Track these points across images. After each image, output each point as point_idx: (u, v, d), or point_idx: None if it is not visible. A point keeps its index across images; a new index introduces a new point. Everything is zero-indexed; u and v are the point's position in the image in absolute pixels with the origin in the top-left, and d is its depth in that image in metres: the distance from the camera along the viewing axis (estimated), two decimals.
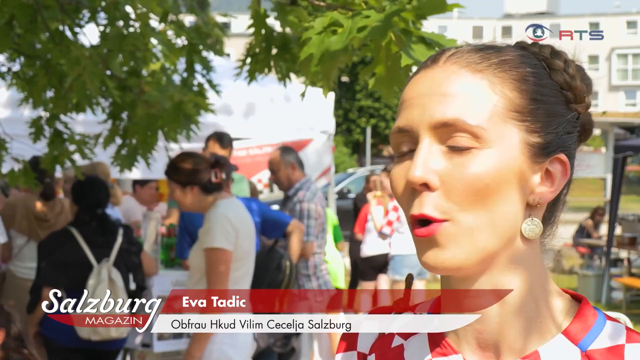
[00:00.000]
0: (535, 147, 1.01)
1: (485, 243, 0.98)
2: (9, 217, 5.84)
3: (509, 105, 1.00)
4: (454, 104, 0.99)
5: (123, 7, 3.94)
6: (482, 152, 0.98)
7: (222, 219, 3.99)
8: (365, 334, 1.14)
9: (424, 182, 0.97)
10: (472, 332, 1.03)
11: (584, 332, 1.02)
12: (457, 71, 1.01)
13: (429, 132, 0.99)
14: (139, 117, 3.99)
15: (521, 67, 1.03)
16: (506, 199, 0.98)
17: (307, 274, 5.51)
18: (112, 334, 4.44)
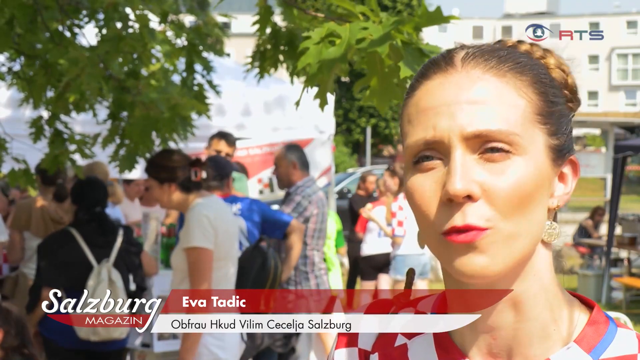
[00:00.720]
0: (555, 150, 0.99)
1: (520, 250, 0.96)
2: (24, 219, 5.80)
3: (534, 109, 0.98)
4: (485, 112, 0.95)
5: (122, 8, 3.94)
6: (517, 158, 0.95)
7: (200, 218, 3.98)
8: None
9: (467, 194, 0.93)
10: (484, 337, 1.00)
11: (596, 340, 1.00)
12: (482, 76, 0.98)
13: (462, 142, 0.95)
14: (136, 118, 3.99)
15: (535, 69, 1.01)
16: (539, 205, 0.97)
17: (304, 271, 5.51)
18: (112, 334, 4.43)
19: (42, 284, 4.54)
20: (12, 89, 4.66)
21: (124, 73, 4.14)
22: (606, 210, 13.18)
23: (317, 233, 5.60)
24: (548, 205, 1.00)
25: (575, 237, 13.91)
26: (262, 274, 4.40)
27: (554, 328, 1.00)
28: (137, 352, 5.19)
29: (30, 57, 4.21)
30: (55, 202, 5.79)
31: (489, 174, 0.94)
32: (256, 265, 4.41)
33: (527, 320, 0.99)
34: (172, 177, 4.05)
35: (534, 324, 0.99)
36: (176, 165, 4.06)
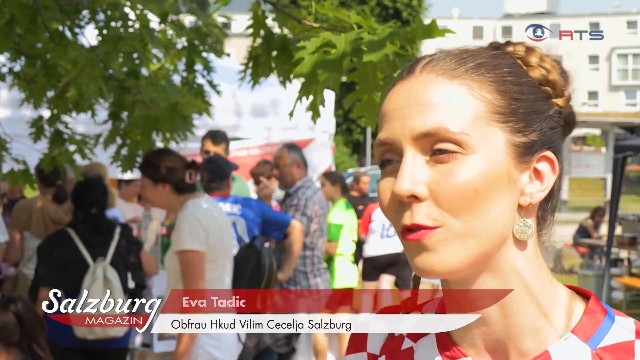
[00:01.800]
0: (520, 147, 1.00)
1: (476, 247, 0.97)
2: (24, 220, 5.81)
3: (490, 108, 0.99)
4: (433, 113, 0.98)
5: (122, 8, 3.94)
6: (467, 158, 0.97)
7: (190, 219, 3.97)
8: (375, 334, 1.14)
9: (411, 195, 0.97)
10: (478, 334, 1.03)
11: (593, 330, 1.01)
12: (434, 79, 1.00)
13: (412, 144, 0.99)
14: (135, 118, 3.99)
15: (498, 68, 1.02)
16: (496, 203, 0.98)
17: (304, 271, 5.51)
18: (108, 333, 4.43)
19: (40, 284, 4.55)
20: (12, 89, 4.66)
21: (124, 73, 4.14)
22: (606, 210, 13.18)
23: (318, 233, 5.60)
24: (519, 202, 1.01)
25: (575, 237, 13.92)
26: (257, 272, 4.40)
27: (545, 321, 1.01)
28: (137, 352, 5.20)
29: (31, 58, 4.21)
30: (55, 204, 5.79)
31: (437, 174, 0.97)
32: (251, 264, 4.41)
33: (513, 316, 1.01)
34: (166, 178, 4.04)
35: (521, 319, 1.01)
36: (172, 165, 4.05)
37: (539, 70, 1.04)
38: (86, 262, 4.50)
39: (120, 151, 4.23)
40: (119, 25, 3.95)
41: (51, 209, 5.79)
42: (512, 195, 1.00)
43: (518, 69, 1.04)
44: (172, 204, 4.10)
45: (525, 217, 1.01)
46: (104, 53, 3.87)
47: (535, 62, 1.05)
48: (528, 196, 1.01)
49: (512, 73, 1.03)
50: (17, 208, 5.97)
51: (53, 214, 5.79)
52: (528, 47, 1.07)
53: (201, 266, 3.96)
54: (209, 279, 4.05)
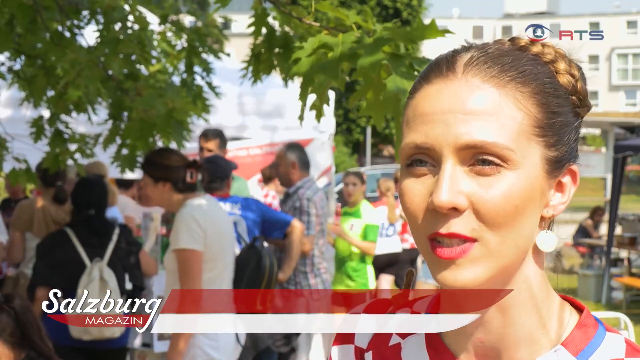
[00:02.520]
0: (552, 162, 0.98)
1: (505, 261, 0.96)
2: (26, 221, 5.81)
3: (532, 122, 0.97)
4: (480, 124, 0.94)
5: (121, 10, 3.94)
6: (509, 172, 0.95)
7: (188, 219, 3.97)
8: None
9: (452, 206, 0.94)
10: (473, 340, 1.01)
11: (583, 344, 1.00)
12: (481, 86, 0.96)
13: (454, 153, 0.95)
14: (133, 122, 4.00)
15: (539, 78, 0.99)
16: (529, 217, 0.97)
17: (304, 271, 5.51)
18: (104, 333, 4.42)
19: (37, 283, 4.56)
20: (13, 89, 4.66)
21: (123, 74, 4.14)
22: (606, 210, 13.18)
23: (319, 233, 5.60)
24: (542, 214, 0.99)
25: (575, 237, 13.92)
26: (257, 273, 4.40)
27: (542, 332, 1.00)
28: (137, 352, 5.19)
29: (31, 57, 4.21)
30: (55, 204, 5.79)
31: (478, 187, 0.94)
32: (251, 264, 4.40)
33: (514, 325, 1.00)
34: (167, 177, 4.04)
35: (521, 328, 1.00)
36: (173, 165, 4.05)
37: (568, 77, 1.02)
38: (83, 263, 4.49)
39: (120, 151, 4.23)
40: (118, 27, 3.95)
41: (52, 209, 5.79)
42: (539, 209, 0.99)
43: (553, 77, 1.01)
44: (172, 203, 4.10)
45: (546, 229, 1.01)
46: (103, 54, 3.87)
47: (564, 69, 1.02)
48: (552, 209, 1.00)
49: (550, 83, 1.00)
50: (19, 208, 5.97)
51: (54, 214, 5.79)
52: (556, 51, 1.04)
53: (198, 265, 3.96)
54: (207, 278, 4.05)
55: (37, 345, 2.89)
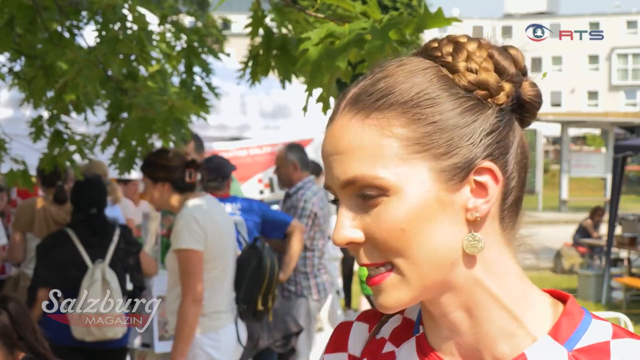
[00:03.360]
0: (448, 170, 0.97)
1: (427, 278, 0.98)
2: (27, 221, 5.81)
3: (405, 143, 0.97)
4: (349, 161, 0.98)
5: (120, 9, 3.94)
6: (391, 199, 0.96)
7: (188, 219, 3.97)
8: (356, 336, 1.14)
9: (348, 242, 0.99)
10: (452, 343, 1.03)
11: (570, 332, 1.01)
12: (347, 123, 1.00)
13: (341, 192, 1.00)
14: (132, 120, 3.99)
15: (411, 93, 0.98)
16: (432, 233, 0.97)
17: (304, 272, 5.51)
18: (106, 334, 4.42)
19: (38, 284, 4.56)
20: (13, 89, 4.65)
21: (122, 75, 4.13)
22: (606, 210, 13.18)
23: (319, 234, 5.60)
24: (466, 218, 0.98)
25: (575, 237, 13.92)
26: (258, 273, 4.39)
27: (516, 325, 1.01)
28: (137, 352, 5.19)
29: (31, 58, 4.21)
30: (56, 205, 5.79)
31: (369, 218, 0.98)
32: (252, 264, 4.40)
33: (483, 324, 1.01)
34: (166, 177, 4.05)
35: (491, 325, 1.00)
36: (171, 165, 4.06)
37: (466, 75, 0.99)
38: (85, 263, 4.49)
39: (118, 153, 4.23)
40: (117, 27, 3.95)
41: (53, 209, 5.79)
42: (453, 217, 0.98)
43: (438, 83, 0.99)
44: (171, 203, 4.10)
45: (475, 231, 0.98)
46: (102, 54, 3.87)
47: (462, 66, 0.99)
48: (474, 210, 0.98)
49: (427, 94, 0.98)
50: (19, 209, 5.97)
51: (55, 214, 5.79)
52: (455, 47, 1.01)
53: (199, 265, 3.96)
54: (208, 278, 4.05)
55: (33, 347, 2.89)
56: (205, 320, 4.06)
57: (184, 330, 3.93)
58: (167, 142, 4.09)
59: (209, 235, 4.01)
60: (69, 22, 4.11)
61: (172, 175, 4.05)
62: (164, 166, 4.05)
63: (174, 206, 4.11)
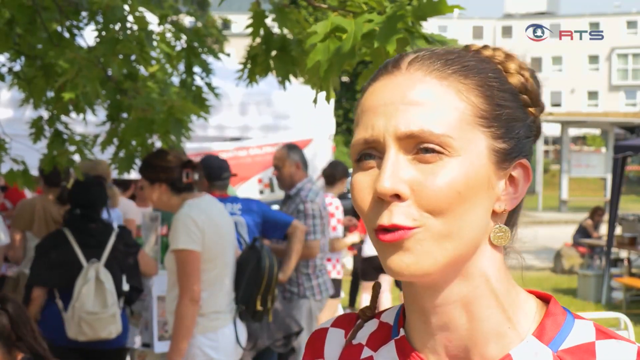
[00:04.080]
0: (500, 153, 1.00)
1: (452, 250, 0.97)
2: (26, 220, 5.81)
3: (475, 112, 0.99)
4: (420, 113, 0.97)
5: (120, 10, 3.94)
6: (451, 159, 0.96)
7: (185, 219, 3.97)
8: (332, 342, 1.13)
9: (394, 193, 0.95)
10: (440, 341, 1.02)
11: (554, 332, 1.01)
12: (422, 78, 1.00)
13: (395, 142, 0.97)
14: (132, 120, 3.99)
15: (483, 72, 1.02)
16: (475, 207, 0.97)
17: (306, 273, 5.50)
18: (99, 334, 4.42)
19: (33, 283, 4.56)
20: (13, 89, 4.66)
21: (122, 75, 4.13)
22: (606, 210, 13.18)
23: (320, 234, 5.59)
24: (494, 208, 1.00)
25: (575, 237, 13.91)
26: (257, 274, 4.39)
27: (509, 326, 1.01)
28: (137, 352, 5.19)
29: (30, 58, 4.21)
30: (58, 204, 5.79)
31: (420, 174, 0.96)
32: (251, 265, 4.39)
33: (479, 321, 1.01)
34: (162, 177, 4.06)
35: (486, 324, 1.01)
36: (167, 165, 4.06)
37: (518, 77, 1.04)
38: (80, 263, 4.49)
39: (117, 153, 4.22)
40: (117, 27, 3.95)
41: (54, 209, 5.78)
42: (489, 201, 0.99)
43: (500, 74, 1.04)
44: (170, 203, 4.11)
45: (500, 223, 1.01)
46: (102, 55, 3.86)
47: (514, 69, 1.05)
48: (503, 203, 1.01)
49: (496, 78, 1.02)
50: (19, 208, 5.97)
51: (55, 214, 5.79)
52: (507, 54, 1.07)
53: (196, 265, 3.97)
54: (206, 279, 4.05)
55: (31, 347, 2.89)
56: (204, 320, 4.06)
57: (181, 330, 3.93)
58: (166, 143, 4.09)
59: (207, 235, 4.01)
60: (68, 22, 4.11)
61: (170, 176, 4.06)
62: (161, 167, 4.06)
63: (171, 207, 4.11)
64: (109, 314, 4.42)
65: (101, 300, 4.43)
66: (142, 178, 4.13)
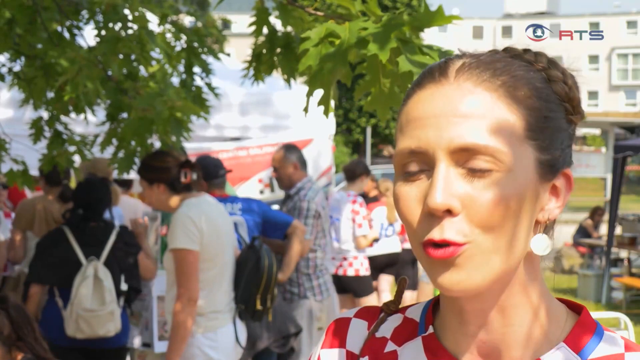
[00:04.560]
0: (546, 165, 0.99)
1: (500, 264, 0.96)
2: (27, 219, 5.81)
3: (525, 125, 0.98)
4: (473, 126, 0.95)
5: (121, 9, 3.94)
6: (503, 174, 0.95)
7: (183, 219, 3.98)
8: (354, 332, 1.12)
9: (447, 208, 0.94)
10: (475, 341, 1.03)
11: (584, 342, 1.02)
12: (473, 90, 0.98)
13: (447, 156, 0.96)
14: (131, 120, 4.00)
15: (531, 83, 1.00)
16: (523, 220, 0.97)
17: (307, 273, 5.50)
18: (96, 332, 4.42)
19: (31, 281, 4.58)
20: (12, 90, 4.66)
21: (123, 74, 4.13)
22: (606, 210, 13.18)
23: (321, 234, 5.59)
24: (537, 218, 1.00)
25: (575, 237, 13.91)
26: (256, 273, 4.39)
27: (541, 332, 1.02)
28: (137, 352, 5.19)
29: (30, 58, 4.21)
30: (60, 203, 5.80)
31: (472, 189, 0.95)
32: (249, 265, 4.39)
33: (513, 325, 1.01)
34: (160, 178, 4.07)
35: (520, 328, 1.01)
36: (165, 166, 4.07)
37: (562, 86, 1.03)
38: (80, 262, 4.50)
39: (117, 153, 4.23)
40: (117, 27, 3.95)
41: (54, 208, 5.79)
42: (534, 213, 0.99)
43: (546, 84, 1.02)
44: (169, 204, 4.12)
45: (541, 232, 1.01)
46: (102, 54, 3.86)
47: (558, 76, 1.03)
48: (547, 212, 1.01)
49: (543, 89, 1.01)
50: (20, 207, 5.98)
51: (56, 213, 5.79)
52: (550, 60, 1.05)
53: (195, 265, 3.97)
54: (205, 278, 4.05)
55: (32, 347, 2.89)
56: (204, 320, 4.06)
57: (179, 330, 3.93)
58: (166, 143, 4.09)
59: (206, 235, 4.01)
60: (69, 22, 4.11)
61: (167, 176, 4.07)
62: (159, 167, 4.07)
63: (170, 207, 4.12)
64: (106, 312, 4.42)
65: (99, 297, 4.43)
66: (141, 179, 4.14)
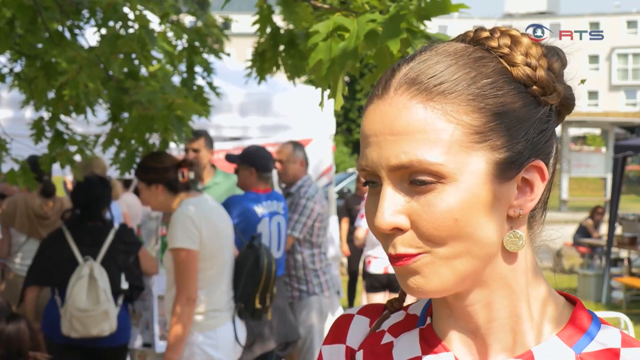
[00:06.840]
0: (503, 164, 0.96)
1: (463, 267, 0.96)
2: (9, 216, 5.88)
3: (467, 131, 0.94)
4: (407, 144, 0.94)
5: (121, 8, 3.94)
6: (446, 187, 0.94)
7: (183, 218, 3.99)
8: (356, 329, 1.13)
9: (393, 228, 0.95)
10: (465, 334, 1.03)
11: (578, 335, 1.01)
12: (407, 104, 0.95)
13: (389, 174, 0.96)
14: (133, 118, 4.00)
15: (477, 81, 0.96)
16: (481, 225, 0.95)
17: (314, 269, 5.52)
18: (90, 331, 4.43)
19: (29, 282, 4.59)
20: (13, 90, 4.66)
21: (123, 74, 4.13)
22: (606, 210, 13.18)
23: (322, 231, 5.61)
24: (508, 214, 0.98)
25: (575, 237, 13.91)
26: (256, 272, 4.40)
27: (530, 325, 1.01)
28: (137, 352, 5.19)
29: (31, 58, 4.21)
30: (41, 198, 5.85)
31: (417, 205, 0.95)
32: (249, 264, 4.40)
33: (500, 319, 1.01)
34: (158, 178, 4.08)
35: (508, 322, 1.01)
36: (162, 166, 4.08)
37: (524, 69, 0.98)
38: (77, 262, 4.51)
39: (118, 153, 4.23)
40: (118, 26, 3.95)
41: (36, 203, 5.84)
42: (500, 212, 0.97)
43: (500, 75, 0.98)
44: (168, 204, 4.12)
45: (515, 228, 0.99)
46: (103, 53, 3.86)
47: (520, 60, 0.98)
48: (517, 207, 0.98)
49: (493, 84, 0.96)
50: (6, 203, 6.05)
51: (37, 208, 5.85)
52: (513, 40, 0.99)
53: (194, 264, 3.98)
54: (204, 277, 4.06)
55: None
56: (203, 319, 4.07)
57: (178, 329, 3.94)
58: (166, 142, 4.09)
59: (204, 234, 4.02)
60: (69, 21, 4.11)
61: (165, 176, 4.08)
62: (156, 168, 4.08)
63: (169, 207, 4.13)
64: (100, 311, 4.42)
65: (93, 297, 4.43)
66: (139, 180, 4.15)
